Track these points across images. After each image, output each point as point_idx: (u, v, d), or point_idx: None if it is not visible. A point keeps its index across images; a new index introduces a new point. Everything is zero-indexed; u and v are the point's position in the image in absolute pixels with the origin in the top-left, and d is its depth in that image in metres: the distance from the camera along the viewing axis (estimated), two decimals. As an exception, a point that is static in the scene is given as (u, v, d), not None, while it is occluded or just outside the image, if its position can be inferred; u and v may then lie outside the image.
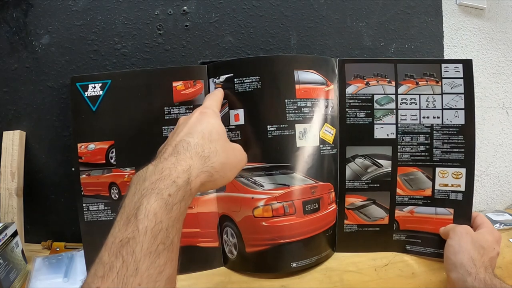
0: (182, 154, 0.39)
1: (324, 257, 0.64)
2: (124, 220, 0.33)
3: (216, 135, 0.44)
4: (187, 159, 0.39)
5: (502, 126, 0.93)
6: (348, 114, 0.66)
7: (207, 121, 0.46)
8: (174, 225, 0.34)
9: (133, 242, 0.31)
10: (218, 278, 0.61)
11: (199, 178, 0.39)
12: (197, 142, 0.41)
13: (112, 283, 0.28)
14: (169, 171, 0.36)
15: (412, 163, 0.66)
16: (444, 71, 0.64)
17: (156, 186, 0.35)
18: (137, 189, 0.35)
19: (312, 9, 0.77)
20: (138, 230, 0.31)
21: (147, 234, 0.31)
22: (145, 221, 0.32)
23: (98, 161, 0.63)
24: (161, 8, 0.71)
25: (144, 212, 0.32)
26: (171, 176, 0.36)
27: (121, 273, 0.29)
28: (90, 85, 0.63)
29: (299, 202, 0.60)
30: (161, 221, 0.33)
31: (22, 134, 0.69)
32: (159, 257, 0.31)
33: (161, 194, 0.34)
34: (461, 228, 0.59)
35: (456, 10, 0.87)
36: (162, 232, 0.32)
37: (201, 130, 0.44)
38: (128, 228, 0.32)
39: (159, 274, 0.31)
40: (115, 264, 0.29)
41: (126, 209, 0.34)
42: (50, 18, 0.69)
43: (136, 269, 0.29)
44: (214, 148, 0.42)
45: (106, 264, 0.30)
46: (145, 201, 0.33)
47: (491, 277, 0.50)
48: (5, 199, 0.67)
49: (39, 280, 0.59)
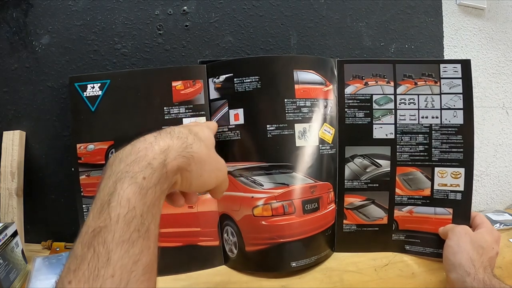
0: (163, 135, 0.37)
1: (323, 257, 0.64)
2: (98, 207, 0.31)
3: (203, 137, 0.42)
4: (166, 139, 0.36)
5: (502, 126, 0.93)
6: (347, 114, 0.66)
7: (199, 128, 0.44)
8: (149, 210, 0.32)
9: (105, 231, 0.29)
10: (218, 278, 0.61)
11: (176, 161, 0.36)
12: (181, 130, 0.39)
13: (83, 276, 0.27)
14: (145, 151, 0.35)
15: (411, 163, 0.66)
16: (442, 71, 0.65)
17: (130, 169, 0.33)
18: (112, 171, 0.34)
19: (312, 9, 0.77)
20: (110, 218, 0.30)
21: (119, 221, 0.30)
22: (117, 208, 0.30)
23: (98, 161, 0.63)
24: (161, 8, 0.71)
25: (117, 198, 0.31)
26: (146, 157, 0.34)
27: (92, 265, 0.28)
28: (89, 85, 0.63)
29: (299, 201, 0.60)
30: (135, 207, 0.31)
31: (22, 134, 0.70)
32: (133, 245, 0.30)
33: (135, 177, 0.32)
34: (460, 229, 0.59)
35: (456, 10, 0.87)
36: (136, 219, 0.31)
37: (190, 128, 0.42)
38: (101, 216, 0.30)
39: (134, 263, 0.29)
40: (86, 255, 0.28)
41: (100, 195, 0.33)
42: (50, 18, 0.69)
43: (107, 259, 0.28)
44: (198, 142, 0.40)
45: (78, 257, 0.29)
46: (119, 186, 0.32)
47: (490, 277, 0.50)
48: (5, 199, 0.67)
49: (39, 280, 0.59)
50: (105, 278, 0.27)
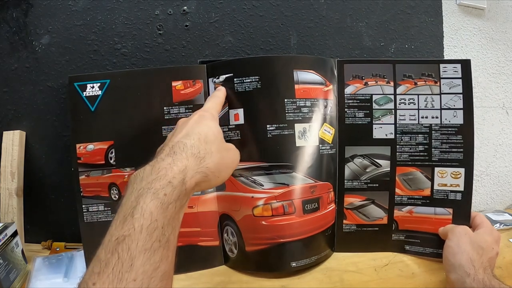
0: (179, 154, 0.41)
1: (323, 257, 0.64)
2: (121, 218, 0.34)
3: (212, 137, 0.46)
4: (183, 160, 0.40)
5: (502, 126, 0.93)
6: (347, 114, 0.66)
7: (204, 123, 0.47)
8: (170, 223, 0.35)
9: (128, 239, 0.32)
10: (219, 278, 0.61)
11: (194, 178, 0.40)
12: (193, 144, 0.43)
13: (108, 278, 0.29)
14: (165, 171, 0.38)
15: (411, 163, 0.66)
16: (442, 71, 0.65)
17: (152, 186, 0.36)
18: (134, 188, 0.37)
19: (312, 9, 0.77)
20: (134, 228, 0.32)
21: (143, 231, 0.32)
22: (141, 220, 0.33)
23: (98, 161, 0.63)
24: (161, 8, 0.71)
25: (140, 211, 0.34)
26: (167, 177, 0.37)
27: (117, 269, 0.30)
28: (88, 85, 0.62)
29: (299, 201, 0.60)
30: (157, 219, 0.34)
31: (22, 134, 0.70)
32: (154, 254, 0.32)
33: (157, 193, 0.35)
34: (459, 229, 0.59)
35: (456, 10, 0.87)
36: (157, 230, 0.33)
37: (198, 132, 0.45)
38: (125, 227, 0.33)
39: (154, 270, 0.32)
40: (111, 260, 0.30)
41: (123, 208, 0.35)
42: (50, 18, 0.69)
43: (131, 265, 0.30)
44: (210, 149, 0.44)
45: (102, 261, 0.31)
46: (142, 201, 0.34)
47: (490, 277, 0.50)
48: (5, 199, 0.67)
49: (39, 280, 0.59)
50: (128, 281, 0.30)
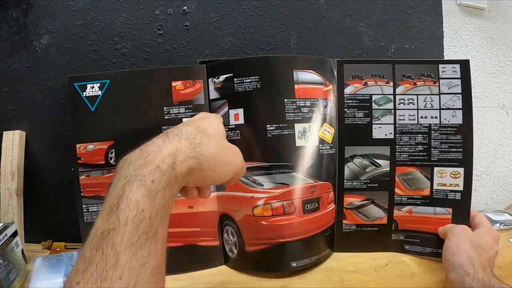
0: (171, 137, 0.37)
1: (323, 257, 0.64)
2: (107, 210, 0.32)
3: (211, 131, 0.42)
4: (174, 142, 0.37)
5: (502, 126, 0.93)
6: (347, 114, 0.66)
7: (207, 120, 0.44)
8: (158, 213, 0.32)
9: (113, 233, 0.30)
10: (219, 278, 0.62)
11: (186, 163, 0.36)
12: (189, 130, 0.39)
13: (92, 277, 0.28)
14: (154, 154, 0.35)
15: (410, 163, 0.66)
16: (441, 71, 0.65)
17: (139, 172, 0.33)
18: (121, 175, 0.34)
19: (312, 9, 0.77)
20: (119, 221, 0.30)
21: (128, 224, 0.30)
22: (126, 211, 0.31)
23: (98, 161, 0.63)
24: (161, 8, 0.71)
25: (126, 201, 0.31)
26: (155, 161, 0.34)
27: (100, 266, 0.28)
28: (88, 85, 0.63)
29: (299, 201, 0.60)
30: (144, 209, 0.31)
31: (22, 134, 0.70)
32: (141, 248, 0.30)
33: (144, 180, 0.33)
34: (459, 229, 0.59)
35: (456, 10, 0.86)
36: (144, 222, 0.31)
37: (197, 124, 0.42)
38: (110, 219, 0.31)
39: (142, 266, 0.30)
40: (95, 257, 0.29)
41: (109, 198, 0.33)
42: (50, 18, 0.69)
43: (116, 261, 0.28)
44: (207, 139, 0.40)
45: (86, 258, 0.29)
46: (128, 189, 0.32)
47: (490, 277, 0.50)
48: (5, 199, 0.67)
49: (39, 280, 0.59)
50: (113, 280, 0.28)
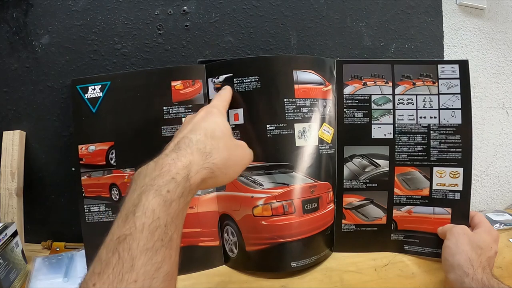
0: (183, 150, 0.40)
1: (322, 257, 0.64)
2: (123, 217, 0.33)
3: (220, 133, 0.44)
4: (187, 155, 0.39)
5: (502, 126, 0.93)
6: (346, 114, 0.66)
7: (211, 119, 0.46)
8: (173, 221, 0.34)
9: (130, 238, 0.31)
10: (219, 278, 0.62)
11: (199, 174, 0.39)
12: (199, 139, 0.42)
13: (108, 279, 0.29)
14: (169, 167, 0.37)
15: (409, 163, 0.66)
16: (440, 71, 0.65)
17: (155, 182, 0.35)
18: (137, 185, 0.36)
19: (312, 9, 0.77)
20: (135, 227, 0.32)
21: (144, 230, 0.31)
22: (142, 218, 0.32)
23: (99, 162, 0.63)
24: (161, 8, 0.71)
25: (142, 209, 0.33)
26: (170, 173, 0.36)
27: (117, 269, 0.29)
28: (90, 87, 0.63)
29: (299, 201, 0.60)
30: (159, 217, 0.33)
31: (22, 134, 0.70)
32: (156, 253, 0.31)
33: (160, 190, 0.34)
34: (458, 229, 0.59)
35: (456, 10, 0.86)
36: (160, 229, 0.32)
37: (204, 127, 0.44)
38: (126, 225, 0.32)
39: (156, 270, 0.31)
40: (111, 260, 0.30)
41: (126, 206, 0.34)
42: (50, 18, 0.69)
43: (132, 265, 0.30)
44: (217, 145, 0.42)
45: (103, 261, 0.30)
46: (144, 198, 0.34)
47: (489, 277, 0.50)
48: (5, 199, 0.67)
49: (39, 280, 0.59)
50: (128, 282, 0.29)
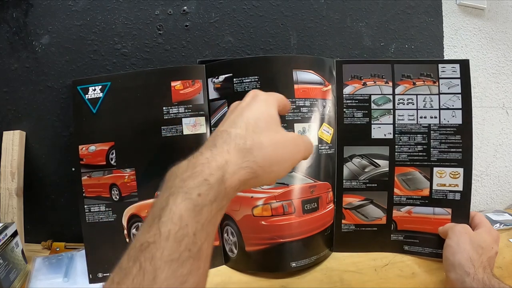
0: (219, 147, 0.34)
1: (322, 257, 0.64)
2: (149, 222, 0.30)
3: (264, 124, 0.38)
4: (223, 154, 0.34)
5: (502, 126, 0.93)
6: (346, 114, 0.66)
7: (256, 107, 0.39)
8: (204, 229, 0.30)
9: (153, 247, 0.27)
10: (219, 278, 0.62)
11: (237, 175, 0.33)
12: (238, 133, 0.36)
13: None
14: (202, 167, 0.32)
15: (409, 163, 0.66)
16: (441, 71, 0.65)
17: (185, 184, 0.31)
18: (167, 186, 0.32)
19: (312, 9, 0.77)
20: (160, 234, 0.28)
21: (170, 239, 0.28)
22: (168, 224, 0.28)
23: (99, 162, 0.63)
24: (161, 8, 0.71)
25: (169, 213, 0.29)
26: (203, 173, 0.31)
27: (137, 281, 0.26)
28: (90, 88, 0.63)
29: (298, 201, 0.60)
30: (187, 224, 0.29)
31: (22, 134, 0.70)
32: (182, 265, 0.28)
33: (190, 193, 0.30)
34: (459, 227, 0.59)
35: (456, 10, 0.86)
36: (187, 238, 0.29)
37: (246, 117, 0.38)
38: (150, 231, 0.29)
39: (181, 284, 0.27)
40: (132, 270, 0.27)
41: (154, 209, 0.31)
42: (50, 18, 0.69)
43: (154, 278, 0.26)
44: (258, 139, 0.36)
45: (123, 270, 0.27)
46: (172, 201, 0.30)
47: (490, 277, 0.50)
48: (5, 199, 0.67)
49: (39, 280, 0.59)
50: None
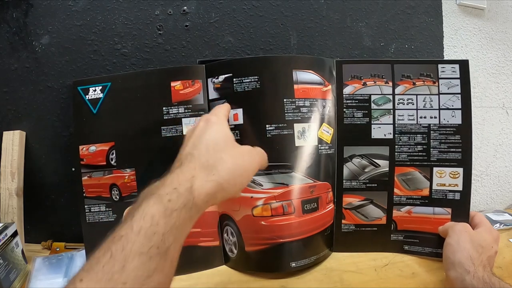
0: (186, 166, 0.39)
1: (322, 257, 0.64)
2: (124, 220, 0.33)
3: (222, 142, 0.42)
4: (190, 170, 0.38)
5: (502, 126, 0.93)
6: (346, 114, 0.66)
7: (212, 129, 0.44)
8: (172, 232, 0.32)
9: (125, 239, 0.30)
10: (218, 278, 0.62)
11: (204, 189, 0.37)
12: (201, 153, 0.40)
13: (96, 276, 0.28)
14: (172, 179, 0.36)
15: (409, 163, 0.66)
16: (440, 71, 0.65)
17: (157, 191, 0.34)
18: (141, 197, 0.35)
19: (312, 9, 0.77)
20: (132, 229, 0.31)
21: (141, 233, 0.30)
22: (140, 221, 0.31)
23: (99, 162, 0.63)
24: (161, 8, 0.71)
25: (141, 213, 0.32)
26: (172, 184, 0.36)
27: (107, 268, 0.28)
28: (90, 88, 0.64)
29: (298, 201, 0.60)
30: (158, 223, 0.32)
31: (22, 134, 0.70)
32: (150, 260, 0.30)
33: (161, 198, 0.34)
34: (460, 226, 0.59)
35: (456, 10, 0.86)
36: (157, 236, 0.31)
37: (205, 139, 0.42)
38: (123, 227, 0.31)
39: (147, 278, 0.29)
40: (102, 258, 0.29)
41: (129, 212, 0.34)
42: (50, 18, 0.69)
43: (123, 266, 0.28)
44: (220, 157, 0.40)
45: (94, 258, 0.29)
46: (145, 204, 0.33)
47: (490, 275, 0.50)
48: (5, 199, 0.67)
49: (39, 280, 0.59)
50: (117, 283, 0.28)
